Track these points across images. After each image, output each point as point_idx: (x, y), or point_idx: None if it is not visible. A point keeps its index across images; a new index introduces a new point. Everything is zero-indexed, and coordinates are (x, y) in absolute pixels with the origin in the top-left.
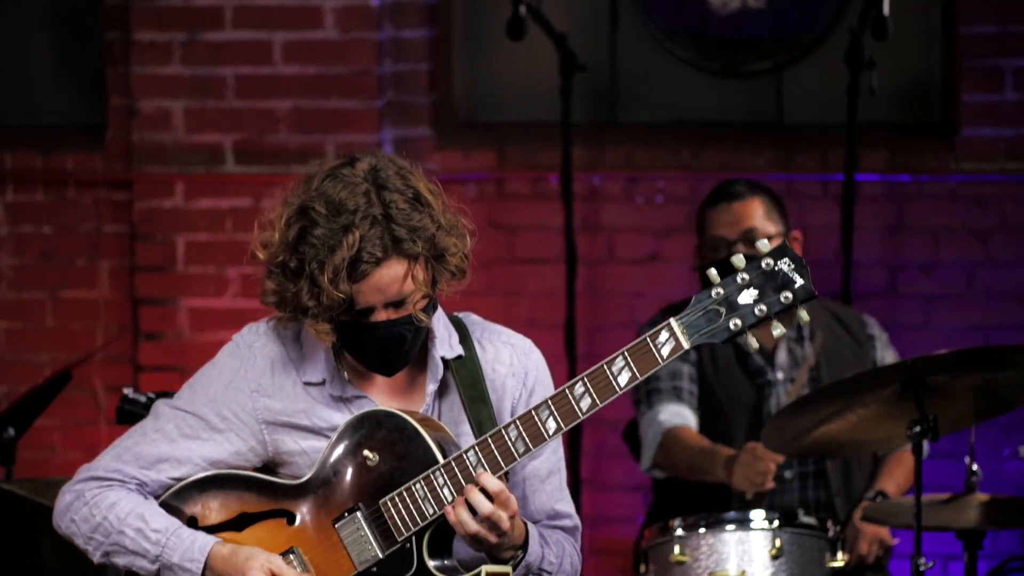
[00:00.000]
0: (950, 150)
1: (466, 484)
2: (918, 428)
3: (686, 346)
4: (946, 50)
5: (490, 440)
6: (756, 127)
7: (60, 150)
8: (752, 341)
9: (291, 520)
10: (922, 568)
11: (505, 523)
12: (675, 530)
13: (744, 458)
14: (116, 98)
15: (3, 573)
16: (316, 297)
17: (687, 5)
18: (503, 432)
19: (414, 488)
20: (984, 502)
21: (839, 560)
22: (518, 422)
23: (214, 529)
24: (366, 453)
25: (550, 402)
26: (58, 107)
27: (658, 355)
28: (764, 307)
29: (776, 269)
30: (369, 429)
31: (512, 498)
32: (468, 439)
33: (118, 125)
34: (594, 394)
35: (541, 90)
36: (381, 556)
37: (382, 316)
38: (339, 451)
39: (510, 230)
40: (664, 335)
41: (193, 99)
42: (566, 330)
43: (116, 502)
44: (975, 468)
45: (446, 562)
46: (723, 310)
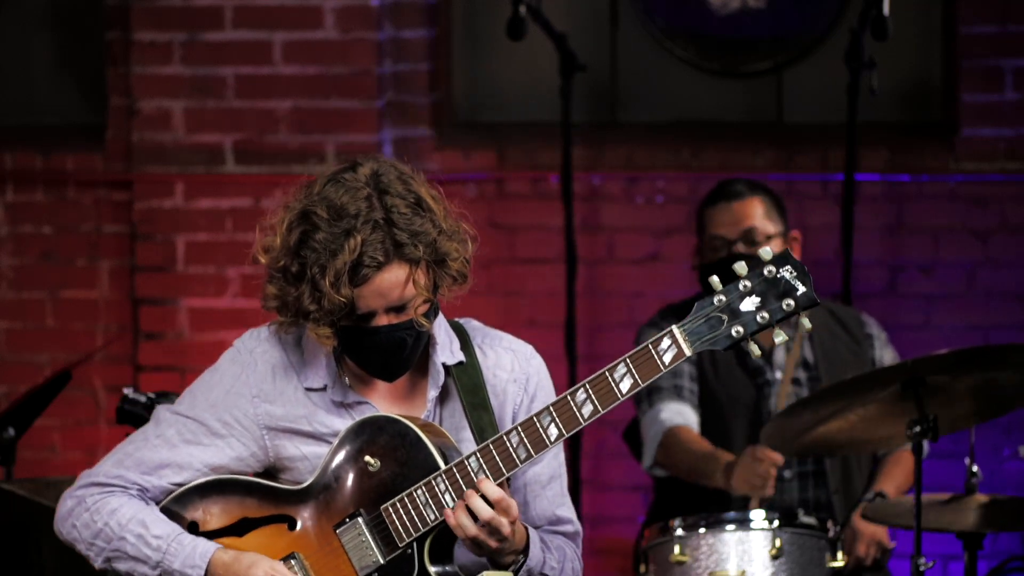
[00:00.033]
0: (950, 150)
1: (467, 490)
2: (918, 428)
3: (688, 353)
4: (946, 50)
5: (492, 446)
6: (756, 127)
7: (60, 150)
8: (754, 348)
9: (292, 526)
10: (922, 568)
11: (506, 528)
12: (675, 530)
13: (744, 460)
14: (116, 98)
15: (3, 573)
16: (317, 301)
17: (687, 5)
18: (505, 438)
19: (416, 494)
20: (984, 503)
21: (839, 560)
22: (520, 428)
23: (215, 535)
24: (367, 459)
25: (552, 408)
26: (58, 107)
27: (660, 362)
28: (766, 315)
29: (778, 276)
30: (370, 435)
31: (513, 504)
32: (469, 445)
33: (118, 125)
34: (596, 401)
35: (541, 90)
36: (382, 562)
37: (383, 321)
38: (340, 457)
39: (510, 230)
40: (666, 342)
41: (193, 99)
42: (566, 330)
43: (117, 508)
44: (975, 468)
45: (447, 568)
46: (725, 317)
